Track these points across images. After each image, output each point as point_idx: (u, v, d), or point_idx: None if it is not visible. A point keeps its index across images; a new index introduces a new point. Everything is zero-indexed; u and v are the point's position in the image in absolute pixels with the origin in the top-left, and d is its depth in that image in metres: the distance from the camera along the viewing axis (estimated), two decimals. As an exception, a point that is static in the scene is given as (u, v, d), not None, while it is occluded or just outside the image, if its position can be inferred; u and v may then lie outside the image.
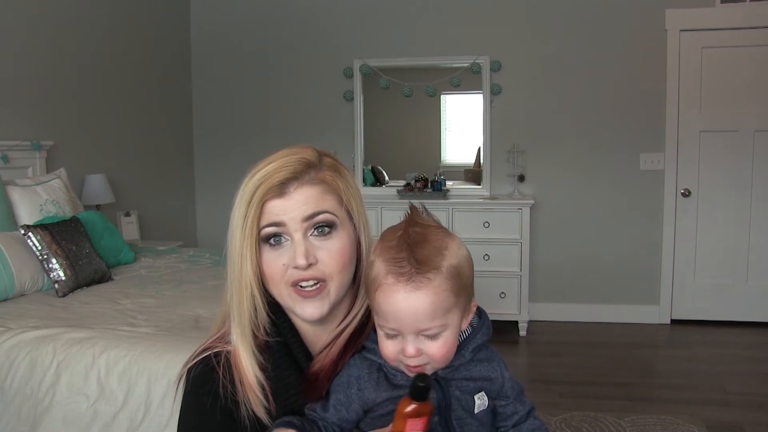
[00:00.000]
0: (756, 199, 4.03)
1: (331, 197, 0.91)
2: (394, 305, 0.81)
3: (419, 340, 0.82)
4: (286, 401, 0.91)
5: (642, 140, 4.13)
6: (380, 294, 0.83)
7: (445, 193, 4.23)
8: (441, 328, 0.82)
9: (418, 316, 0.81)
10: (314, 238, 0.89)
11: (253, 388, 0.89)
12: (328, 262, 0.89)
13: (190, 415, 0.93)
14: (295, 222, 0.88)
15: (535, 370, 3.46)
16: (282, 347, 0.94)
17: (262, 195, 0.87)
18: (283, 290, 0.90)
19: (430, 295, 0.81)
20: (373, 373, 0.88)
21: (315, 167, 0.91)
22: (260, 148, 5.23)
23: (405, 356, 0.83)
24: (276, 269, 0.89)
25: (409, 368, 0.84)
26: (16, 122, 3.08)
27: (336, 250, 0.89)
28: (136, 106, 4.08)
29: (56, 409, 1.79)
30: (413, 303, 0.81)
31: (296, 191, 0.88)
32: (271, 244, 0.89)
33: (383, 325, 0.84)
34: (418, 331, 0.82)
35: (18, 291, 2.43)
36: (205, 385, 0.91)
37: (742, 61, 3.95)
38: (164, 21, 4.39)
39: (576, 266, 4.27)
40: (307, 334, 0.97)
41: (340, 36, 4.45)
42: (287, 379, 0.92)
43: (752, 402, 2.91)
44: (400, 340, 0.83)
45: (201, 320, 2.14)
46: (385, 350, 0.85)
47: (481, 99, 4.29)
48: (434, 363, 0.84)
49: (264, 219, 0.88)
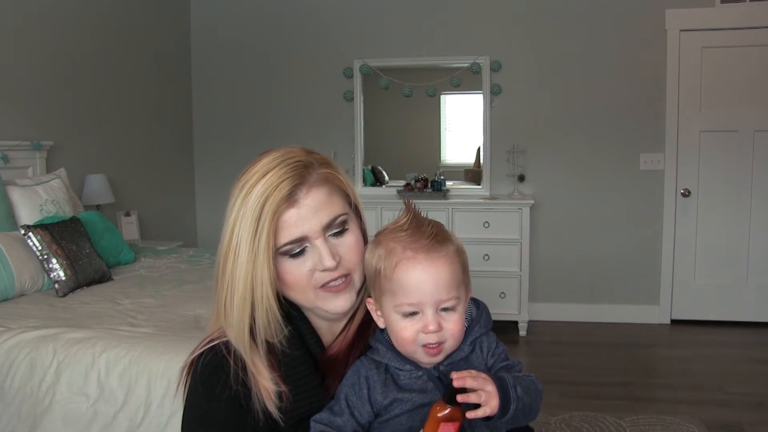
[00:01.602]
0: (756, 199, 4.03)
1: (338, 196, 0.92)
2: (416, 276, 0.85)
3: (439, 315, 0.86)
4: (298, 388, 0.91)
5: (642, 140, 4.13)
6: (399, 269, 0.86)
7: (445, 193, 4.23)
8: (457, 300, 0.87)
9: (439, 284, 0.85)
10: (332, 238, 0.91)
11: (264, 375, 0.89)
12: (350, 257, 0.92)
13: (198, 401, 0.93)
14: (315, 231, 0.89)
15: (535, 370, 3.43)
16: (293, 336, 0.94)
17: (275, 209, 0.86)
18: (310, 294, 0.91)
19: (448, 264, 0.86)
20: (381, 373, 0.89)
21: (311, 166, 0.91)
22: (260, 148, 5.21)
23: (426, 333, 0.85)
24: (301, 277, 0.90)
25: (428, 350, 0.86)
26: (16, 122, 3.08)
27: (353, 244, 0.93)
28: (136, 106, 4.08)
29: (56, 409, 1.79)
30: (434, 271, 0.85)
31: (306, 197, 0.89)
32: (291, 256, 0.90)
33: (402, 302, 0.86)
34: (438, 302, 0.86)
35: (18, 291, 2.43)
36: (215, 372, 0.91)
37: (742, 61, 3.95)
38: (164, 21, 4.39)
39: (576, 266, 4.27)
40: (319, 324, 0.97)
41: (340, 36, 4.45)
42: (299, 367, 0.92)
43: (752, 402, 2.91)
44: (419, 318, 0.86)
45: (201, 320, 2.14)
46: (402, 333, 0.87)
47: (481, 99, 4.29)
48: (451, 340, 0.87)
49: (283, 235, 0.88)
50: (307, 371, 0.92)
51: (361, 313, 0.97)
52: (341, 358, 0.94)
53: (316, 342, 0.96)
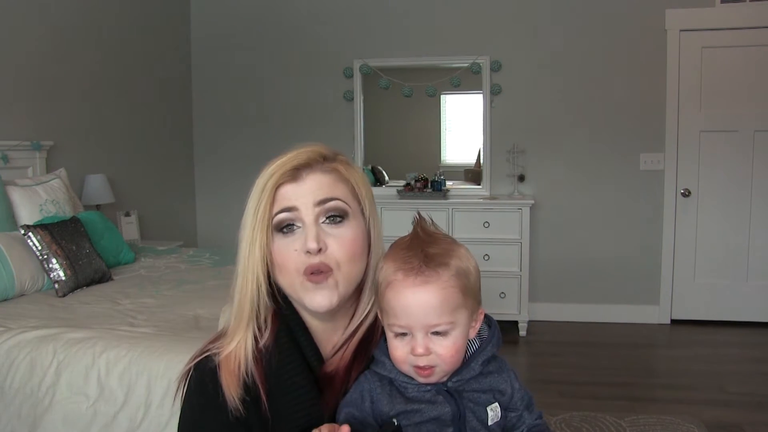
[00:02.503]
0: (756, 199, 4.03)
1: (343, 186, 0.92)
2: (403, 300, 0.83)
3: (429, 339, 0.83)
4: (294, 400, 0.89)
5: (642, 140, 4.13)
6: (390, 291, 0.84)
7: (445, 193, 4.23)
8: (450, 326, 0.83)
9: (427, 310, 0.82)
10: (325, 225, 0.89)
11: (236, 381, 0.88)
12: (338, 250, 0.88)
13: (192, 411, 0.92)
14: (307, 207, 0.88)
15: (535, 370, 3.46)
16: (292, 345, 0.92)
17: (276, 181, 0.88)
18: (295, 279, 0.89)
19: (438, 290, 0.83)
20: (385, 386, 0.87)
21: (328, 159, 0.92)
22: (260, 148, 5.20)
23: (414, 356, 0.83)
24: (287, 256, 0.88)
25: (419, 371, 0.84)
26: (16, 122, 3.08)
27: (346, 239, 0.89)
28: (136, 106, 4.08)
29: (56, 409, 1.79)
30: (422, 297, 0.82)
31: (309, 177, 0.90)
32: (283, 232, 0.89)
33: (393, 323, 0.85)
34: (427, 327, 0.83)
35: (18, 291, 2.43)
36: (211, 382, 0.90)
37: (742, 61, 3.95)
38: (164, 21, 4.39)
39: (576, 266, 4.27)
40: (317, 333, 0.95)
41: (340, 36, 4.45)
42: (294, 378, 0.90)
43: (752, 402, 2.91)
44: (409, 339, 0.84)
45: (201, 320, 2.14)
46: (394, 352, 0.85)
47: (481, 99, 4.29)
48: (443, 365, 0.84)
49: (276, 205, 0.89)
50: (303, 382, 0.89)
51: (362, 330, 0.95)
52: (340, 376, 0.91)
53: (315, 354, 0.93)
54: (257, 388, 0.89)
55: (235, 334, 0.91)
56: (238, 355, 0.90)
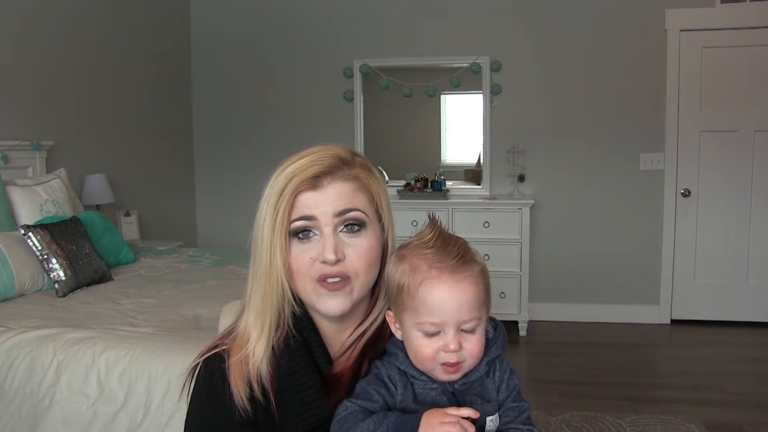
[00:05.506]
0: (756, 199, 4.03)
1: (363, 195, 0.91)
2: (439, 296, 0.85)
3: (459, 335, 0.86)
4: (302, 400, 0.89)
5: (642, 140, 4.13)
6: (424, 288, 0.86)
7: (445, 193, 4.23)
8: (478, 321, 0.87)
9: (463, 305, 0.85)
10: (343, 235, 0.89)
11: (242, 382, 0.88)
12: (355, 260, 0.89)
13: (201, 407, 0.92)
14: (327, 217, 0.88)
15: (535, 370, 3.46)
16: (301, 346, 0.93)
17: (295, 187, 0.87)
18: (308, 284, 0.89)
19: (473, 285, 0.87)
20: (402, 375, 0.89)
21: (348, 164, 0.91)
22: (260, 148, 5.20)
23: (446, 352, 0.85)
24: (303, 262, 0.89)
25: (446, 368, 0.86)
26: (16, 122, 3.08)
27: (364, 249, 0.90)
28: (136, 106, 4.08)
29: (56, 409, 1.79)
30: (459, 292, 0.85)
31: (329, 185, 0.89)
32: (299, 238, 0.89)
33: (425, 321, 0.86)
34: (460, 322, 0.86)
35: (18, 291, 2.43)
36: (220, 378, 0.90)
37: (742, 61, 3.95)
38: (164, 21, 4.39)
39: (576, 266, 4.27)
40: (326, 333, 0.96)
41: (340, 36, 4.45)
42: (303, 378, 0.90)
43: (751, 402, 2.91)
44: (440, 337, 0.86)
45: (201, 320, 2.14)
46: (422, 350, 0.86)
47: (481, 99, 4.29)
48: (470, 360, 0.87)
49: (295, 212, 0.88)
50: (312, 382, 0.90)
51: (370, 331, 0.95)
52: (345, 377, 0.92)
53: (324, 355, 0.94)
54: (266, 387, 0.89)
55: (253, 334, 0.91)
56: (251, 355, 0.90)
